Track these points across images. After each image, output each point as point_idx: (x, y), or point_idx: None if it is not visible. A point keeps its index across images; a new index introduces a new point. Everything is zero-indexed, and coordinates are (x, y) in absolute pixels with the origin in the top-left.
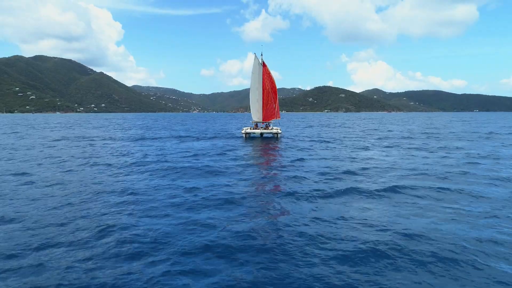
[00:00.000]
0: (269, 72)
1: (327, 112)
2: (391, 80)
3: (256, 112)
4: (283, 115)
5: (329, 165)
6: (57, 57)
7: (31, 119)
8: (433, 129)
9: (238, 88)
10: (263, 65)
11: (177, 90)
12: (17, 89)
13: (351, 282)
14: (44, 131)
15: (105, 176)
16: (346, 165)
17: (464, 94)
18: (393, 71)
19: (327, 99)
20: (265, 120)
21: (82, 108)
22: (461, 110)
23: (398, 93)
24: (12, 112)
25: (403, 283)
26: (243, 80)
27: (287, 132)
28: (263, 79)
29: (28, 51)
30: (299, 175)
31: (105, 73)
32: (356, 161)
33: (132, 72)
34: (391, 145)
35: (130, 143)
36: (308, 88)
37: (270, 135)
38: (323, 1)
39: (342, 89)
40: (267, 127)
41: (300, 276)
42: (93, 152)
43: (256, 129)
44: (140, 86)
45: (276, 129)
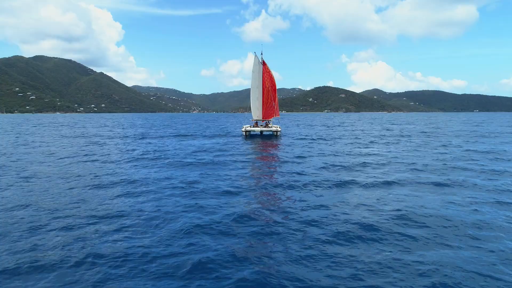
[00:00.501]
0: (269, 70)
1: (327, 112)
2: (391, 80)
3: (256, 110)
4: (283, 115)
5: (327, 160)
6: (57, 58)
7: (36, 119)
8: (433, 128)
9: (238, 88)
10: (263, 63)
11: (177, 90)
12: (17, 89)
13: (340, 255)
14: (64, 130)
15: (121, 169)
16: (344, 160)
17: (464, 94)
18: (393, 72)
19: (327, 99)
20: (265, 118)
21: (82, 109)
22: (461, 111)
23: (398, 93)
24: (12, 112)
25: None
26: (243, 80)
27: (287, 130)
28: (263, 78)
29: (28, 51)
30: (297, 169)
31: (105, 73)
32: (354, 157)
33: (132, 73)
34: (390, 142)
35: (152, 140)
36: (308, 88)
37: (270, 133)
38: (323, 1)
39: (342, 89)
40: (267, 125)
41: (281, 250)
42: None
43: (256, 127)
44: (140, 86)
45: (276, 127)
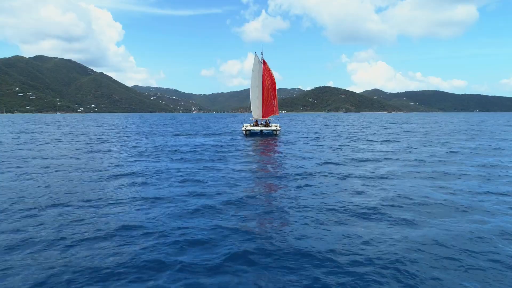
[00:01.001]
0: (269, 69)
1: (327, 112)
2: (391, 80)
3: (256, 109)
4: (283, 115)
5: (326, 157)
6: (57, 58)
7: (38, 119)
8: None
9: (238, 88)
10: (263, 63)
11: (177, 91)
12: (17, 89)
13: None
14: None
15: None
16: (341, 155)
17: (464, 94)
18: (393, 72)
19: (327, 99)
20: (264, 116)
21: (82, 109)
22: (461, 111)
23: (398, 93)
24: (12, 112)
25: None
26: (243, 80)
27: (287, 129)
28: (263, 77)
29: (29, 51)
30: (294, 164)
31: (105, 73)
32: (351, 153)
33: (132, 73)
34: (387, 140)
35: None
36: (308, 89)
37: (269, 132)
38: (323, 1)
39: (342, 89)
40: (267, 124)
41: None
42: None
43: (256, 126)
44: (140, 86)
45: (275, 126)
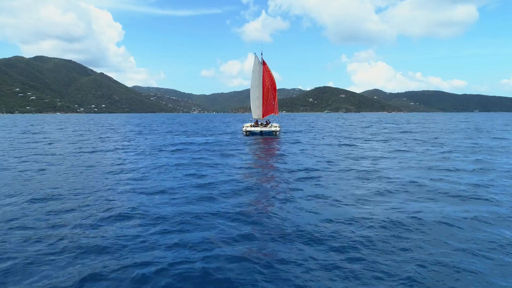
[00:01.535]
0: (269, 70)
1: (327, 112)
2: (391, 80)
3: (256, 109)
4: (283, 115)
5: (323, 153)
6: (57, 58)
7: (50, 120)
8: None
9: (238, 88)
10: (263, 63)
11: (177, 91)
12: (18, 89)
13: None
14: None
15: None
16: (338, 152)
17: (465, 94)
18: (393, 72)
19: (327, 99)
20: (264, 114)
21: (83, 109)
22: (461, 111)
23: (398, 93)
24: (13, 112)
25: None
26: (243, 80)
27: (286, 128)
28: (263, 77)
29: (29, 51)
30: (292, 159)
31: (105, 73)
32: (349, 151)
33: (132, 73)
34: (384, 139)
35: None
36: (308, 89)
37: (269, 132)
38: (323, 2)
39: (342, 89)
40: (267, 124)
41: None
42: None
43: (256, 127)
44: (140, 86)
45: (275, 126)
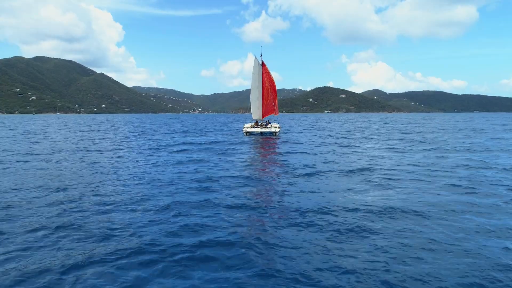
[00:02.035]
0: (268, 71)
1: (328, 112)
2: (391, 80)
3: (256, 109)
4: (283, 115)
5: (323, 153)
6: (57, 58)
7: (53, 120)
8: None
9: (238, 88)
10: (263, 65)
11: (178, 91)
12: (18, 90)
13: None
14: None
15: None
16: (338, 152)
17: (465, 94)
18: (393, 72)
19: (328, 99)
20: (264, 115)
21: (83, 109)
22: (461, 111)
23: (398, 93)
24: (13, 113)
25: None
26: (243, 81)
27: (286, 128)
28: (263, 78)
29: (29, 52)
30: (291, 158)
31: (105, 74)
32: (349, 151)
33: (132, 73)
34: (384, 139)
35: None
36: (309, 89)
37: (269, 133)
38: (323, 2)
39: (342, 89)
40: (267, 124)
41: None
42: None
43: (256, 127)
44: (141, 87)
45: (275, 127)
